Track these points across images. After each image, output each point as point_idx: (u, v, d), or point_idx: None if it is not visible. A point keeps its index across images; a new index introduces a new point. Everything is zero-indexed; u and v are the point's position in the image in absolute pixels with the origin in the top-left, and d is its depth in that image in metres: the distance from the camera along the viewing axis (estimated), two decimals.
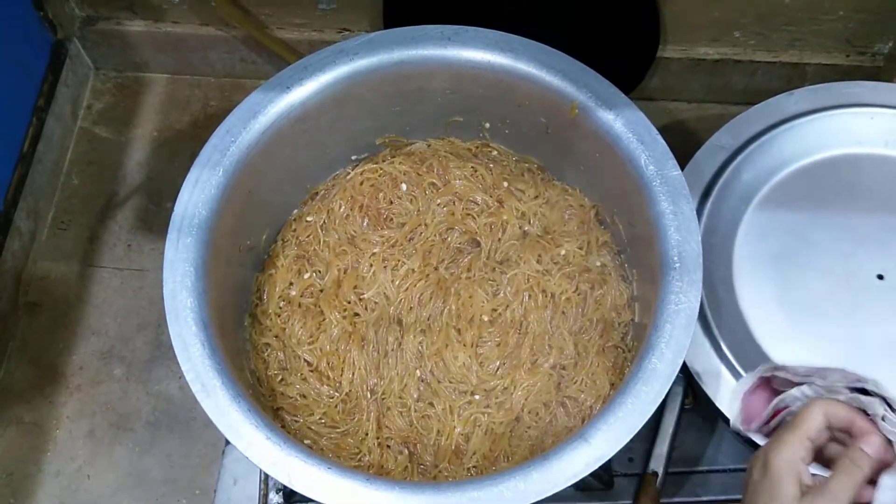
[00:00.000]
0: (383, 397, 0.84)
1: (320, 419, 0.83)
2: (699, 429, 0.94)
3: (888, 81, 1.06)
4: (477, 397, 0.83)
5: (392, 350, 0.85)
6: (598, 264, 0.89)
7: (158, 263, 0.77)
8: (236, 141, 0.82)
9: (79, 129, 1.27)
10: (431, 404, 0.83)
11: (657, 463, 0.90)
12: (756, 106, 0.97)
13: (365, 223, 0.91)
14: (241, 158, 0.82)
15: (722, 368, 0.85)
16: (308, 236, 0.91)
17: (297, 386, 0.85)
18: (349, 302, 0.87)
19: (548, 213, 0.91)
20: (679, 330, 0.74)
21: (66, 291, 1.16)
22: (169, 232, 0.78)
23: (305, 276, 0.89)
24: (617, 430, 0.70)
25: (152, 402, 1.10)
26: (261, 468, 0.70)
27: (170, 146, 1.25)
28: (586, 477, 0.69)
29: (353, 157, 0.95)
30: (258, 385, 0.85)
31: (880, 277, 0.89)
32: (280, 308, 0.88)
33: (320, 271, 0.89)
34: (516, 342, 0.85)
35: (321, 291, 0.88)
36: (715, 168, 0.93)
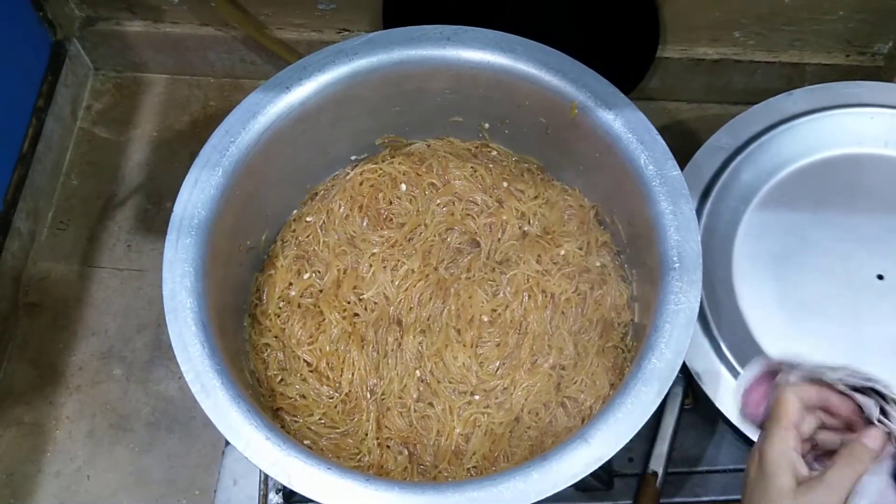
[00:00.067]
0: (383, 398, 0.84)
1: (320, 419, 0.83)
2: (699, 429, 0.95)
3: (888, 81, 1.06)
4: (477, 397, 0.83)
5: (392, 350, 0.85)
6: (598, 264, 0.89)
7: (158, 264, 0.77)
8: (236, 141, 0.82)
9: (78, 130, 1.27)
10: (431, 405, 0.83)
11: (657, 463, 0.90)
12: (756, 106, 0.97)
13: (364, 223, 0.91)
14: (241, 159, 0.82)
15: (722, 369, 0.85)
16: (308, 237, 0.91)
17: (297, 386, 0.84)
18: (349, 302, 0.87)
19: (547, 214, 0.91)
20: (679, 330, 0.74)
21: (66, 292, 1.16)
22: (168, 232, 0.78)
23: (305, 277, 0.89)
24: (617, 431, 0.70)
25: (152, 403, 1.10)
26: (260, 468, 0.70)
27: (169, 146, 1.25)
28: (586, 477, 0.69)
29: (353, 158, 0.95)
30: (258, 385, 0.85)
31: (880, 277, 0.89)
32: (280, 308, 0.88)
33: (320, 272, 0.89)
34: (516, 342, 0.85)
35: (321, 292, 0.88)
36: (714, 168, 0.93)
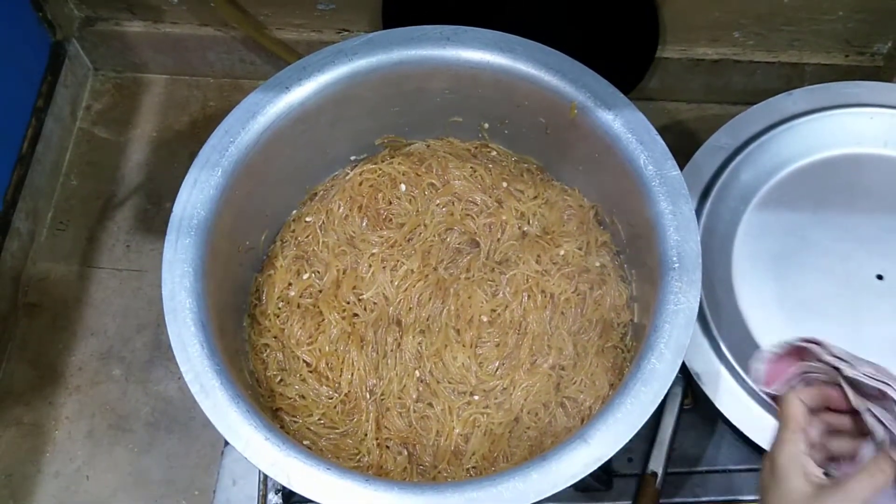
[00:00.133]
0: (382, 398, 0.84)
1: (319, 420, 0.83)
2: (698, 429, 0.94)
3: (887, 81, 1.06)
4: (476, 398, 0.83)
5: (391, 350, 0.85)
6: (598, 264, 0.89)
7: (157, 264, 0.77)
8: (235, 141, 0.82)
9: (78, 130, 1.27)
10: (430, 405, 0.83)
11: (656, 463, 0.90)
12: (755, 106, 0.97)
13: (364, 224, 0.91)
14: (240, 159, 0.82)
15: (721, 369, 0.85)
16: (307, 237, 0.91)
17: (296, 386, 0.84)
18: (348, 302, 0.87)
19: (547, 214, 0.91)
20: (678, 330, 0.74)
21: (65, 292, 1.16)
22: (168, 232, 0.78)
23: (304, 277, 0.89)
24: (616, 431, 0.70)
25: (151, 403, 1.10)
26: (260, 469, 0.70)
27: (169, 147, 1.25)
28: (585, 477, 0.69)
29: (353, 158, 0.95)
30: (257, 386, 0.85)
31: (880, 277, 0.89)
32: (279, 309, 0.88)
33: (319, 272, 0.89)
34: (515, 343, 0.85)
35: (320, 292, 0.88)
36: (714, 168, 0.93)
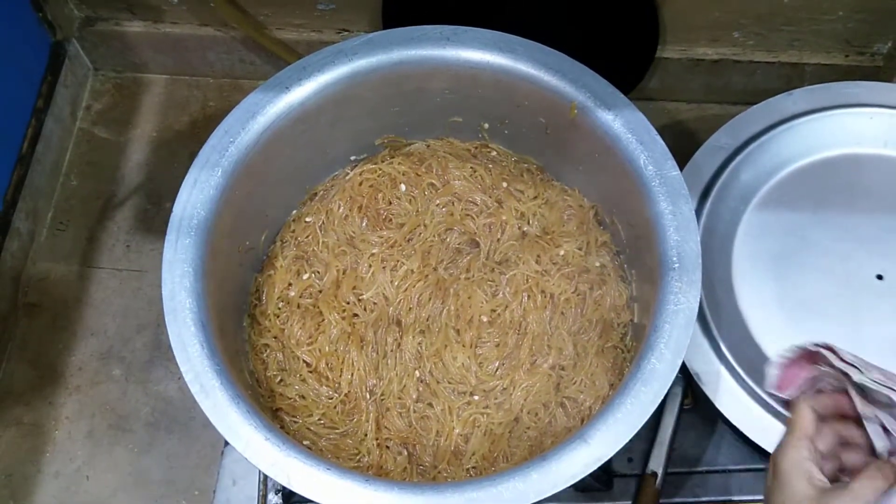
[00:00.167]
0: (382, 398, 0.84)
1: (319, 420, 0.83)
2: (698, 429, 0.94)
3: (887, 81, 1.06)
4: (476, 398, 0.83)
5: (391, 351, 0.85)
6: (598, 265, 0.89)
7: (157, 264, 0.77)
8: (235, 141, 0.82)
9: (78, 130, 1.27)
10: (430, 405, 0.83)
11: (656, 463, 0.90)
12: (755, 106, 0.97)
13: (364, 224, 0.91)
14: (240, 159, 0.82)
15: (721, 369, 0.85)
16: (307, 237, 0.91)
17: (296, 387, 0.84)
18: (348, 303, 0.87)
19: (547, 214, 0.91)
20: (678, 330, 0.74)
21: (65, 292, 1.16)
22: (168, 233, 0.78)
23: (304, 277, 0.89)
24: (616, 431, 0.70)
25: (151, 403, 1.10)
26: (260, 469, 0.70)
27: (169, 147, 1.25)
28: (585, 477, 0.69)
29: (353, 158, 0.95)
30: (257, 386, 0.85)
31: (880, 278, 0.89)
32: (279, 309, 0.88)
33: (319, 272, 0.89)
34: (515, 343, 0.85)
35: (320, 292, 0.88)
36: (714, 168, 0.93)
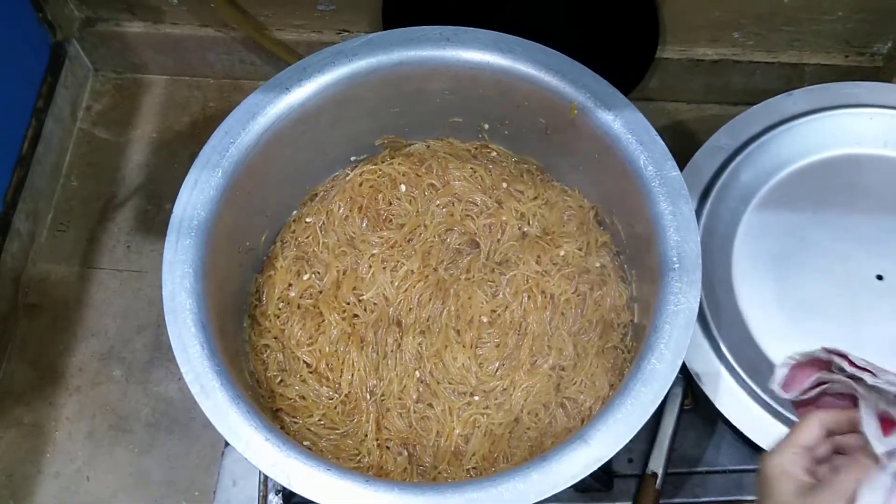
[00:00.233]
0: (382, 398, 0.84)
1: (319, 420, 0.83)
2: (698, 430, 0.94)
3: (887, 82, 1.06)
4: (476, 398, 0.83)
5: (391, 351, 0.85)
6: (598, 265, 0.89)
7: (158, 265, 0.77)
8: (235, 142, 0.82)
9: (78, 131, 1.27)
10: (431, 405, 0.83)
11: (656, 464, 0.90)
12: (755, 106, 0.97)
13: (364, 224, 0.91)
14: (241, 160, 0.82)
15: (721, 369, 0.85)
16: (307, 237, 0.91)
17: (297, 387, 0.84)
18: (348, 303, 0.87)
19: (547, 214, 0.91)
20: (678, 331, 0.74)
21: (66, 293, 1.16)
22: (168, 233, 0.78)
23: (304, 278, 0.89)
24: (616, 431, 0.70)
25: (151, 404, 1.10)
26: (260, 469, 0.70)
27: (169, 147, 1.25)
28: (586, 478, 0.69)
29: (353, 158, 0.95)
30: (257, 386, 0.85)
31: (880, 278, 0.89)
32: (279, 309, 0.88)
33: (319, 272, 0.89)
34: (515, 343, 0.85)
35: (320, 293, 0.88)
36: (714, 169, 0.93)
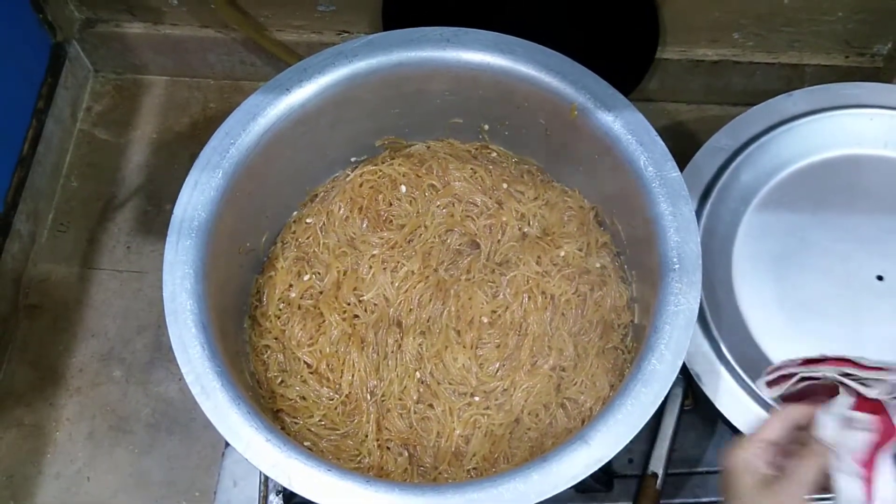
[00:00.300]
0: (383, 399, 0.84)
1: (320, 421, 0.83)
2: (699, 430, 0.95)
3: (887, 82, 1.06)
4: (476, 399, 0.83)
5: (392, 352, 0.85)
6: (598, 266, 0.89)
7: (158, 265, 0.77)
8: (236, 143, 0.82)
9: (78, 132, 1.27)
10: (431, 406, 0.83)
11: (657, 464, 0.90)
12: (755, 107, 0.96)
13: (364, 225, 0.91)
14: (241, 160, 0.82)
15: (721, 370, 0.85)
16: (307, 238, 0.91)
17: (297, 388, 0.84)
18: (349, 304, 0.87)
19: (547, 215, 0.91)
20: (678, 331, 0.74)
21: (66, 294, 1.16)
22: (168, 234, 0.78)
23: (305, 278, 0.89)
24: (617, 432, 0.70)
25: (152, 404, 1.10)
26: (261, 470, 0.70)
27: (169, 148, 1.25)
28: (586, 478, 0.69)
29: (353, 159, 0.95)
30: (258, 387, 0.85)
31: (880, 278, 0.89)
32: (280, 310, 0.88)
33: (320, 273, 0.89)
34: (516, 344, 0.85)
35: (321, 293, 0.88)
36: (714, 169, 0.93)
